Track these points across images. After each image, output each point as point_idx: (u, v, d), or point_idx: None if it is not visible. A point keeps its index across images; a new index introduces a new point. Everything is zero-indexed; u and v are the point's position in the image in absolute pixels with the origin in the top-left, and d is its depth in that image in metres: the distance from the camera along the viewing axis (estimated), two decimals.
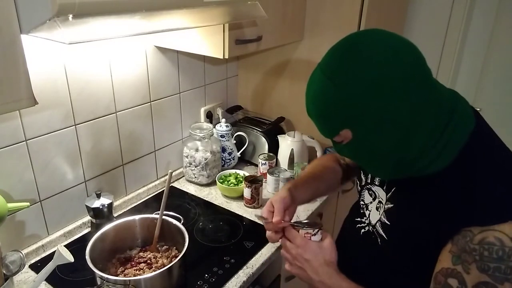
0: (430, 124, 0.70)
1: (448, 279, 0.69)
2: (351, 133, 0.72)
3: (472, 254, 0.66)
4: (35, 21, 0.65)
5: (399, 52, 0.67)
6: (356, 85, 0.67)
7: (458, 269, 0.68)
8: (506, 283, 0.64)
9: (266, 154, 1.64)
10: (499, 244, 0.64)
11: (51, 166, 1.18)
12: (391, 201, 0.83)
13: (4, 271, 0.95)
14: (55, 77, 1.12)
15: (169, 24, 0.89)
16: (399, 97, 0.66)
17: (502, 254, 0.64)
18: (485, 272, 0.65)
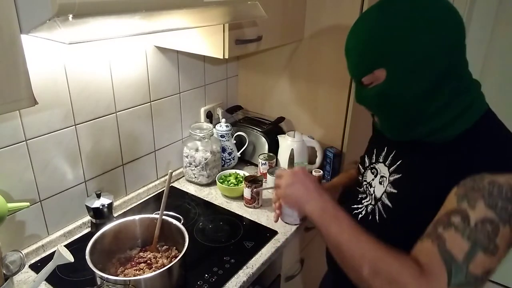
0: (454, 86, 0.74)
1: (450, 216, 0.68)
2: (385, 73, 0.74)
3: (480, 191, 0.66)
4: (35, 21, 0.65)
5: (452, 10, 0.73)
6: (406, 20, 0.71)
7: (463, 206, 0.67)
8: (507, 226, 0.64)
9: (266, 154, 1.64)
10: (508, 186, 0.65)
11: (51, 166, 1.18)
12: (398, 172, 0.85)
13: (4, 271, 0.95)
14: (55, 77, 1.12)
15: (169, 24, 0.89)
16: (442, 46, 0.71)
17: (510, 195, 0.65)
18: (492, 208, 0.64)
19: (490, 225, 0.64)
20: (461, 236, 0.65)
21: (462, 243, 0.65)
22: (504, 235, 0.64)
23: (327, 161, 1.64)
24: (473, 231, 0.65)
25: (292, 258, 1.46)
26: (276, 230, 1.31)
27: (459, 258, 0.64)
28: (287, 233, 1.30)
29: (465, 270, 0.63)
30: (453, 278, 0.63)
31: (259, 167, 1.62)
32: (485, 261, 0.64)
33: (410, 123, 0.78)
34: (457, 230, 0.66)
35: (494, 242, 0.64)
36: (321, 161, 1.64)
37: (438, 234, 0.68)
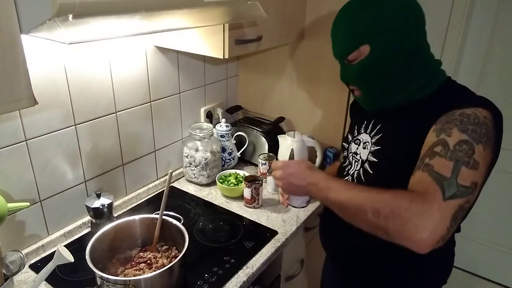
0: (425, 57, 0.93)
1: (433, 148, 0.78)
2: (369, 49, 0.89)
3: (453, 122, 0.78)
4: (35, 21, 0.65)
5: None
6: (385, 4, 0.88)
7: (441, 137, 0.78)
8: (480, 145, 0.75)
9: (266, 154, 1.64)
10: (474, 115, 0.78)
11: (51, 166, 1.18)
12: (379, 133, 0.99)
13: (4, 271, 0.95)
14: (55, 77, 1.12)
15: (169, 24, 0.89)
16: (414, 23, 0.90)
17: (478, 121, 0.77)
18: (465, 132, 0.76)
19: (465, 145, 0.74)
20: (445, 158, 0.74)
21: (447, 163, 0.73)
22: (480, 152, 0.74)
23: (327, 161, 1.64)
24: (453, 152, 0.74)
25: (292, 258, 1.46)
26: (276, 230, 1.31)
27: (448, 175, 0.72)
28: (287, 233, 1.30)
29: (455, 183, 0.71)
30: (446, 192, 0.71)
31: (259, 167, 1.62)
32: (469, 174, 0.72)
33: (391, 90, 0.93)
34: (440, 155, 0.75)
35: (473, 158, 0.73)
36: (321, 161, 1.64)
37: (426, 163, 0.77)
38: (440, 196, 0.70)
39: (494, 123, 0.80)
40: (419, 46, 0.91)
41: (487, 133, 0.77)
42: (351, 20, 0.91)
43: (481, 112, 0.79)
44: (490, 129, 0.78)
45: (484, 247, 2.37)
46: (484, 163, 0.75)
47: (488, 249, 2.36)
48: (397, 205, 0.72)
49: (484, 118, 0.78)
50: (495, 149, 0.81)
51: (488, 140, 0.76)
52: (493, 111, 0.82)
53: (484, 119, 0.78)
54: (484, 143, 0.75)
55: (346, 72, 0.97)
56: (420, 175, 0.76)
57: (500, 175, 2.17)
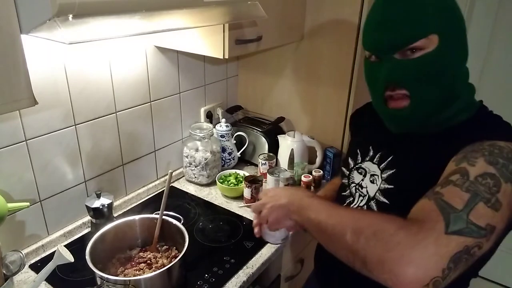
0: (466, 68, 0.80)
1: (449, 177, 0.63)
2: (438, 40, 0.72)
3: (480, 151, 0.64)
4: (35, 21, 0.65)
5: None
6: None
7: (462, 165, 0.63)
8: (509, 184, 0.60)
9: (266, 154, 1.64)
10: (508, 149, 0.64)
11: (51, 166, 1.18)
12: (391, 168, 0.82)
13: (4, 271, 0.95)
14: (55, 77, 1.12)
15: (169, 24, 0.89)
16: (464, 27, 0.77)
17: (510, 156, 0.63)
18: (493, 165, 0.61)
19: (491, 179, 0.60)
20: (460, 189, 0.60)
21: (461, 194, 0.59)
22: (505, 191, 0.59)
23: (327, 161, 1.64)
24: (473, 183, 0.60)
25: (292, 258, 1.46)
26: None
27: (459, 207, 0.57)
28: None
29: (465, 217, 0.56)
30: (451, 225, 0.56)
31: (259, 167, 1.62)
32: (487, 213, 0.57)
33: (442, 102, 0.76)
34: (456, 185, 0.61)
35: (496, 196, 0.58)
36: (321, 161, 1.64)
37: (436, 192, 0.62)
38: (442, 228, 0.56)
39: None
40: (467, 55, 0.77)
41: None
42: (416, 3, 0.72)
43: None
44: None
45: None
46: (509, 205, 0.60)
47: None
48: (383, 228, 0.59)
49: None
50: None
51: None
52: None
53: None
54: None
55: (398, 69, 0.74)
56: (424, 203, 0.62)
57: None
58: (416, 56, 0.73)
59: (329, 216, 0.69)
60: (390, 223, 0.59)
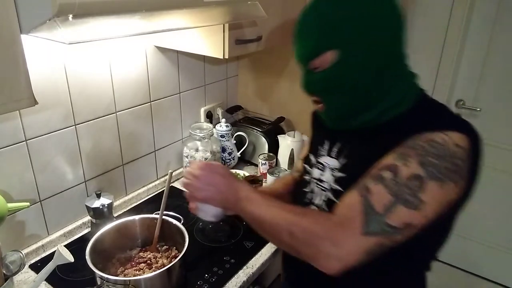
0: (400, 67, 0.79)
1: (382, 172, 0.71)
2: (336, 56, 0.75)
3: (417, 149, 0.70)
4: (35, 21, 0.65)
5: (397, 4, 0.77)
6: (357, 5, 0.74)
7: (397, 164, 0.70)
8: (434, 181, 0.68)
9: (266, 154, 1.64)
10: (443, 144, 0.69)
11: (51, 166, 1.18)
12: (344, 158, 0.86)
13: (4, 271, 0.95)
14: (55, 77, 1.12)
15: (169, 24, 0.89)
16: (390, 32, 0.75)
17: (443, 153, 0.69)
18: (423, 166, 0.68)
19: (417, 181, 0.67)
20: (387, 191, 0.68)
21: (386, 197, 0.68)
22: (431, 191, 0.67)
23: None
24: (400, 187, 0.68)
25: None
26: None
27: (379, 211, 0.67)
28: None
29: (383, 220, 0.67)
30: (368, 226, 0.67)
31: (259, 167, 1.62)
32: (405, 214, 0.67)
33: (359, 107, 0.80)
34: (386, 185, 0.69)
35: (418, 197, 0.67)
36: None
37: (366, 187, 0.71)
38: (360, 229, 0.67)
39: (470, 150, 0.71)
40: (396, 57, 0.78)
41: (454, 166, 0.69)
42: (317, 18, 0.76)
43: (455, 139, 0.70)
44: (460, 159, 0.70)
45: (484, 247, 2.37)
46: (435, 201, 0.69)
47: (488, 249, 2.35)
48: (313, 232, 0.70)
49: (455, 146, 0.70)
50: (471, 178, 0.73)
51: (453, 174, 0.69)
52: (471, 135, 0.73)
53: (454, 149, 0.69)
54: (444, 180, 0.68)
55: (308, 80, 0.82)
56: (354, 199, 0.71)
57: (500, 175, 2.17)
58: (318, 70, 0.79)
59: (266, 214, 0.77)
60: (319, 226, 0.70)
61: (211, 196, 0.85)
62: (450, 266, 2.52)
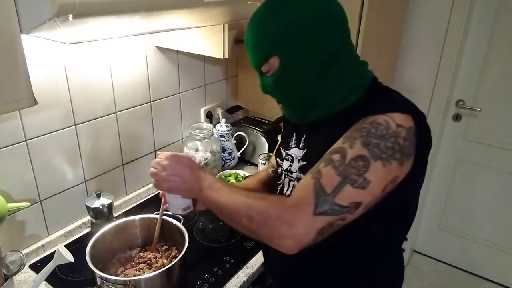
0: (345, 61, 0.83)
1: (332, 155, 0.76)
2: (278, 61, 0.81)
3: (361, 131, 0.75)
4: (35, 21, 0.65)
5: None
6: (289, 12, 0.78)
7: (345, 146, 0.75)
8: (378, 161, 0.72)
9: (266, 154, 1.64)
10: (385, 125, 0.73)
11: (51, 166, 1.18)
12: (305, 147, 0.92)
13: (4, 271, 0.95)
14: (55, 77, 1.12)
15: (169, 24, 0.89)
16: (326, 30, 0.79)
17: (385, 133, 0.73)
18: (366, 146, 0.73)
19: (362, 161, 0.72)
20: (335, 172, 0.73)
21: (334, 179, 0.73)
22: (375, 170, 0.72)
23: None
24: (346, 167, 0.72)
25: None
26: None
27: (329, 191, 0.72)
28: None
29: (330, 200, 0.72)
30: (318, 207, 0.72)
31: (259, 167, 1.62)
32: (352, 193, 0.72)
33: (311, 103, 0.85)
34: (334, 167, 0.74)
35: (364, 176, 0.71)
36: None
37: (318, 170, 0.76)
38: (311, 210, 0.72)
39: (414, 128, 0.75)
40: (337, 53, 0.81)
41: (396, 145, 0.73)
42: (257, 30, 0.82)
43: (397, 119, 0.74)
44: (403, 138, 0.73)
45: (484, 247, 2.37)
46: (380, 180, 0.73)
47: (488, 249, 2.36)
48: (269, 214, 0.75)
49: (397, 126, 0.73)
50: (419, 155, 0.76)
51: (396, 153, 0.73)
52: (414, 114, 0.76)
53: (396, 129, 0.73)
54: (387, 159, 0.72)
55: (262, 83, 0.90)
56: (307, 182, 0.76)
57: (500, 175, 2.17)
58: (268, 75, 0.86)
59: (227, 200, 0.82)
60: (274, 208, 0.75)
61: (175, 186, 0.88)
62: (450, 266, 2.52)
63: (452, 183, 2.35)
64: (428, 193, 2.43)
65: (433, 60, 2.05)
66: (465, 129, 2.20)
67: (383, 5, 1.62)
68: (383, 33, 1.76)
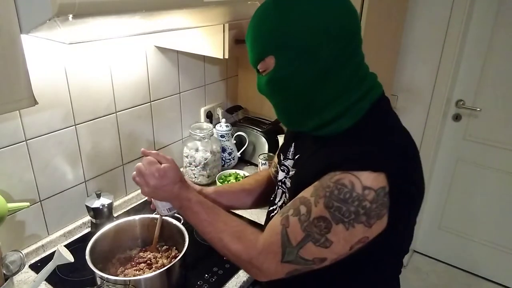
0: (345, 77, 0.75)
1: (301, 205, 0.76)
2: (274, 61, 0.76)
3: (325, 189, 0.72)
4: (35, 21, 0.65)
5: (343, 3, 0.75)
6: (293, 11, 0.72)
7: (311, 201, 0.74)
8: (340, 224, 0.71)
9: (266, 154, 1.64)
10: (349, 188, 0.69)
11: (51, 166, 1.18)
12: (294, 167, 0.90)
13: (4, 271, 0.95)
14: (55, 77, 1.12)
15: (169, 24, 0.89)
16: (326, 37, 0.72)
17: (348, 197, 0.69)
18: (328, 209, 0.71)
19: (323, 222, 0.72)
20: (300, 226, 0.74)
21: (299, 232, 0.74)
22: (337, 232, 0.71)
23: None
24: (310, 225, 0.73)
25: None
26: None
27: (293, 244, 0.74)
28: None
29: (295, 252, 0.74)
30: (285, 257, 0.75)
31: (259, 167, 1.62)
32: (314, 250, 0.73)
33: (302, 112, 0.80)
34: (300, 220, 0.74)
35: (326, 237, 0.72)
36: None
37: (287, 217, 0.76)
38: (279, 258, 0.75)
39: (387, 187, 0.69)
40: (339, 65, 0.74)
41: (361, 209, 0.69)
42: (257, 23, 0.77)
43: (365, 181, 0.68)
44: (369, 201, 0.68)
45: (484, 247, 2.37)
46: (343, 240, 0.71)
47: (488, 249, 2.36)
48: (241, 258, 0.81)
49: (363, 189, 0.68)
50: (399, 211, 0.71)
51: (360, 216, 0.69)
52: (390, 172, 0.69)
53: (362, 192, 0.68)
54: (350, 222, 0.69)
55: (258, 82, 0.85)
56: (276, 226, 0.77)
57: (500, 175, 2.17)
58: (264, 74, 0.81)
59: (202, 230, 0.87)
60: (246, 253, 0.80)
61: (153, 196, 0.92)
62: (450, 266, 2.52)
63: (452, 183, 2.35)
64: (428, 193, 2.43)
65: (433, 60, 2.06)
66: (465, 129, 2.20)
67: (383, 5, 1.62)
68: (383, 33, 1.76)
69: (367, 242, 0.73)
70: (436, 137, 2.19)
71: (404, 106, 2.22)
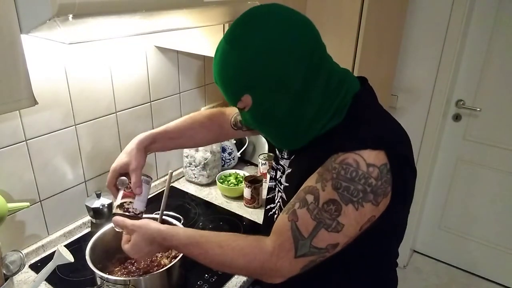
0: (321, 88, 0.77)
1: (307, 195, 0.76)
2: (251, 98, 0.77)
3: (331, 172, 0.73)
4: (35, 21, 0.65)
5: (292, 25, 0.74)
6: (251, 51, 0.72)
7: (318, 187, 0.74)
8: (350, 205, 0.71)
9: (266, 154, 1.64)
10: (355, 166, 0.71)
11: (51, 166, 1.18)
12: (290, 166, 0.89)
13: (4, 271, 0.95)
14: (55, 77, 1.12)
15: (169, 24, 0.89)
16: (295, 60, 0.73)
17: (355, 176, 0.71)
18: (336, 190, 0.72)
19: (333, 205, 0.72)
20: (310, 215, 0.74)
21: (309, 222, 0.74)
22: (348, 214, 0.72)
23: None
24: (320, 211, 0.73)
25: None
26: None
27: (305, 235, 0.74)
28: None
29: (308, 244, 0.74)
30: (298, 251, 0.74)
31: (259, 167, 1.62)
32: (326, 237, 0.73)
33: (295, 132, 0.82)
34: (309, 209, 0.74)
35: (337, 220, 0.72)
36: None
37: (294, 211, 0.76)
38: (292, 254, 0.75)
39: (388, 164, 0.71)
40: (311, 80, 0.76)
41: (368, 187, 0.70)
42: (221, 69, 0.77)
43: (368, 158, 0.70)
44: (375, 178, 0.70)
45: (484, 247, 2.37)
46: (354, 222, 0.73)
47: (488, 249, 2.36)
48: (252, 268, 0.78)
49: (368, 166, 0.70)
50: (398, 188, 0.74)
51: (368, 195, 0.71)
52: (387, 148, 0.72)
53: (367, 169, 0.70)
54: (359, 202, 0.71)
55: (243, 117, 0.85)
56: (284, 223, 0.77)
57: (500, 175, 2.17)
58: (245, 111, 0.81)
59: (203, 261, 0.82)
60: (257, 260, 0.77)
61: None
62: (450, 266, 2.52)
63: (452, 183, 2.35)
64: (428, 193, 2.43)
65: (433, 60, 2.05)
66: (465, 129, 2.20)
67: (383, 5, 1.62)
68: (383, 33, 1.76)
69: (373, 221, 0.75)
70: (436, 137, 2.19)
71: (404, 106, 2.22)
